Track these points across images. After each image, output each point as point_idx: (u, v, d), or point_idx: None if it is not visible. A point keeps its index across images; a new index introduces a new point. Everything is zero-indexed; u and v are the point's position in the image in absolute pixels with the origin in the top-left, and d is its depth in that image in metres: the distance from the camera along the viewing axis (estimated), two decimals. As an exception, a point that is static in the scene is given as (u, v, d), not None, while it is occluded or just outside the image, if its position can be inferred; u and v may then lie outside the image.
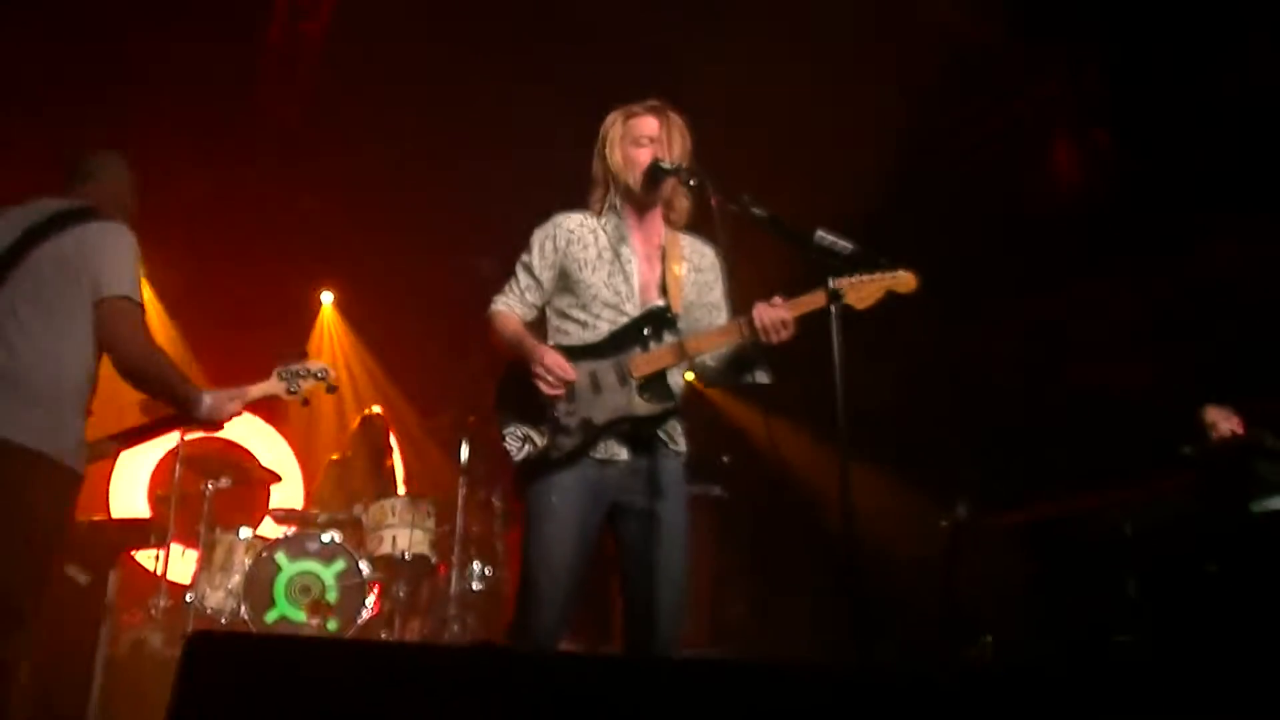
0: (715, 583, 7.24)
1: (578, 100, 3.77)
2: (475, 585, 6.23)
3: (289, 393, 3.69)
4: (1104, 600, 5.17)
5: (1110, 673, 4.53)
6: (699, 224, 3.48)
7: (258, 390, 3.62)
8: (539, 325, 3.45)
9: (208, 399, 3.36)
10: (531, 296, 3.41)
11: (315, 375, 3.72)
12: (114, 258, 3.26)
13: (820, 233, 3.03)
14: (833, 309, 2.98)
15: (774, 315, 3.13)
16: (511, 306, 3.41)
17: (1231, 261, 7.30)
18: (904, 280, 3.23)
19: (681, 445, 3.38)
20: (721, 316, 3.47)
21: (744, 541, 8.16)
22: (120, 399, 4.26)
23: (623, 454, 3.24)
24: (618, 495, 3.23)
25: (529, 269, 3.40)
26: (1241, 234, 7.20)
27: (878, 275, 3.19)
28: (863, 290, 3.16)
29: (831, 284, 3.02)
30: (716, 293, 3.51)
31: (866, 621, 2.61)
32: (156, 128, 6.88)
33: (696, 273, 3.47)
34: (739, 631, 7.55)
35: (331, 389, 3.76)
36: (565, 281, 3.37)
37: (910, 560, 6.49)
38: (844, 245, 3.02)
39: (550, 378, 3.15)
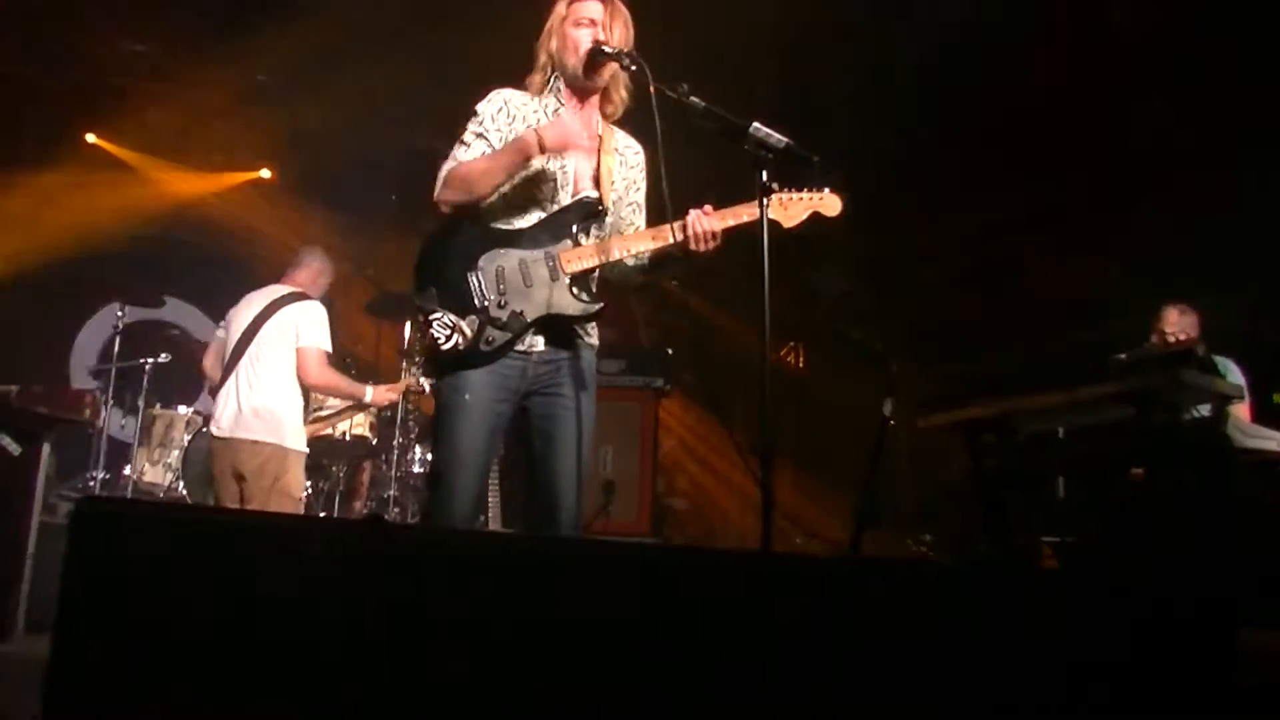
0: (660, 473, 7.31)
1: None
2: (417, 468, 6.25)
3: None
4: (1033, 501, 5.26)
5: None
6: (633, 119, 3.39)
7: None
8: (471, 206, 3.27)
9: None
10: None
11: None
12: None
13: (756, 124, 2.97)
14: (763, 219, 2.95)
15: (707, 225, 3.09)
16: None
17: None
18: (830, 203, 3.24)
19: (594, 337, 3.36)
20: (641, 217, 3.44)
21: (690, 435, 8.25)
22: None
23: (539, 345, 3.21)
24: (531, 385, 3.21)
25: (483, 135, 3.24)
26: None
27: (805, 195, 3.22)
28: (790, 209, 3.20)
29: (765, 196, 2.97)
30: (641, 192, 3.47)
31: (770, 509, 2.65)
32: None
33: (627, 169, 3.42)
34: (680, 523, 7.66)
35: None
36: None
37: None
38: (778, 139, 2.96)
39: (575, 126, 3.14)
